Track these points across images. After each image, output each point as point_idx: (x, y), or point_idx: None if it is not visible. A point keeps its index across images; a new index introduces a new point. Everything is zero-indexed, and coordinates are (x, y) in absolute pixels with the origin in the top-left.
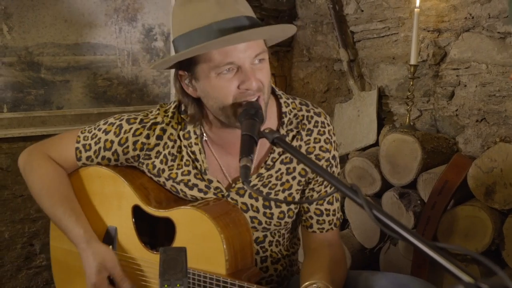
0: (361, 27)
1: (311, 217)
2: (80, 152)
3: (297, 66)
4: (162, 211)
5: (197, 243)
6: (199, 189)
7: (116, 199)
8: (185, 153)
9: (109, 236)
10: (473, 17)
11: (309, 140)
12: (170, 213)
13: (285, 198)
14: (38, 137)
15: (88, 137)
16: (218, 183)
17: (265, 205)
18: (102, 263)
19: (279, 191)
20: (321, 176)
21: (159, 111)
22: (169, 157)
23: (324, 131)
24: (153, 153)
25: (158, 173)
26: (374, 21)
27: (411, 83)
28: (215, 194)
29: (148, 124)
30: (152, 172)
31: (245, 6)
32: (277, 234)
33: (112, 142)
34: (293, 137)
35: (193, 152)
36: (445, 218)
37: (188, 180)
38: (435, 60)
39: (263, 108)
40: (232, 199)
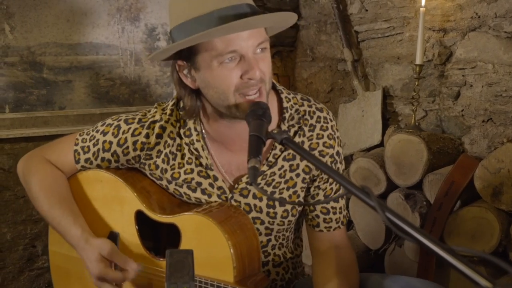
0: (366, 27)
1: (318, 216)
2: (79, 155)
3: (301, 66)
4: (167, 217)
5: (204, 250)
6: (203, 190)
7: (118, 204)
8: (187, 151)
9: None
10: (479, 17)
11: (312, 136)
12: (175, 219)
13: (290, 197)
14: (40, 138)
15: (86, 139)
16: (223, 183)
17: (269, 205)
18: (101, 253)
19: (284, 189)
20: (334, 179)
21: (157, 109)
22: (170, 156)
23: (327, 127)
24: (154, 153)
25: (161, 173)
26: (379, 21)
27: (417, 83)
28: (219, 196)
29: (147, 123)
30: (155, 173)
31: None
32: (281, 237)
33: (111, 143)
34: (295, 133)
35: (196, 149)
36: (452, 220)
37: (192, 179)
38: (441, 60)
39: (265, 100)
40: (236, 201)
